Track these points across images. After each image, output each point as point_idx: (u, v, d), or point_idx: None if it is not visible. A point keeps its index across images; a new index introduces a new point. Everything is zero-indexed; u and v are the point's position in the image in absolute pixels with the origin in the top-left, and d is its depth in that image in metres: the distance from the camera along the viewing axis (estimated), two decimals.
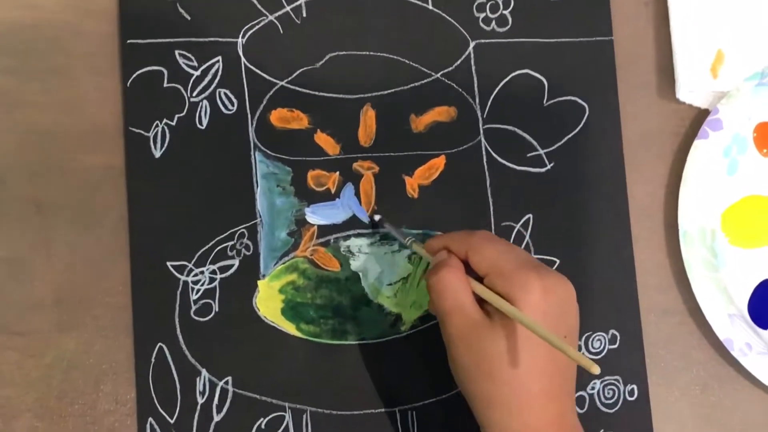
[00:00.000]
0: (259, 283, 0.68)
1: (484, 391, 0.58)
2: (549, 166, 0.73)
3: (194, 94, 0.68)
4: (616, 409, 0.72)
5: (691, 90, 0.76)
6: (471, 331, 0.58)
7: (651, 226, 0.75)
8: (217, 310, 0.67)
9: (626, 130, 0.75)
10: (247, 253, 0.68)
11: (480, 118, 0.72)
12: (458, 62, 0.73)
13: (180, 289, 0.66)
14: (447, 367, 0.69)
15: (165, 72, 0.68)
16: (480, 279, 0.60)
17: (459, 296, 0.59)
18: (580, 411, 0.72)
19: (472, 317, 0.58)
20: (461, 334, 0.59)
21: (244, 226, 0.68)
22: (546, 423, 0.58)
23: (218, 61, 0.69)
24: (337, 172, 0.70)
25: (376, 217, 0.69)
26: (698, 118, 0.76)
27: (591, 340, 0.72)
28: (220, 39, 0.69)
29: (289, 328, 0.68)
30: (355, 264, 0.69)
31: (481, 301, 0.59)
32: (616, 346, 0.73)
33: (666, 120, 0.76)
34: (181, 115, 0.68)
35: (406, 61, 0.72)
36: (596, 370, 0.52)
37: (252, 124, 0.69)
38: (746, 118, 0.76)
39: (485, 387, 0.58)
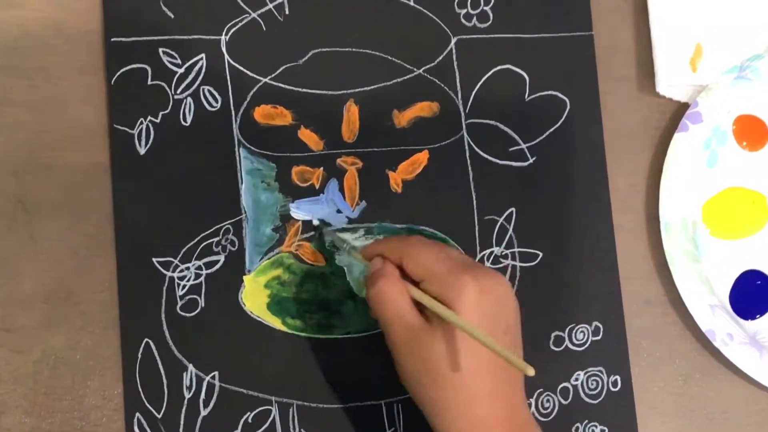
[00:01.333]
0: (245, 278, 0.68)
1: (431, 395, 0.59)
2: (531, 160, 0.74)
3: (178, 91, 0.68)
4: (600, 399, 0.73)
5: (670, 84, 0.77)
6: (412, 338, 0.59)
7: (633, 219, 0.76)
8: (203, 305, 0.67)
9: (607, 124, 0.76)
10: (233, 249, 0.68)
11: (462, 113, 0.73)
12: (440, 58, 0.73)
13: (166, 284, 0.67)
14: None
15: (149, 70, 0.68)
16: (417, 284, 0.60)
17: (397, 305, 0.59)
18: (564, 402, 0.72)
19: (412, 324, 0.59)
20: (402, 341, 0.59)
21: (230, 222, 0.68)
22: (496, 421, 0.58)
23: (202, 58, 0.69)
24: (321, 168, 0.70)
25: (315, 222, 0.70)
26: (678, 111, 0.77)
27: (574, 332, 0.73)
28: (204, 37, 0.69)
29: (275, 322, 0.68)
30: (340, 259, 0.69)
31: (420, 307, 0.60)
32: (599, 337, 0.73)
33: (646, 113, 0.77)
34: (166, 112, 0.68)
35: (389, 57, 0.72)
36: (530, 371, 0.54)
37: (236, 120, 0.69)
38: (726, 111, 0.76)
39: (431, 392, 0.58)
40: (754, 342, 0.75)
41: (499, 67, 0.74)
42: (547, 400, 0.72)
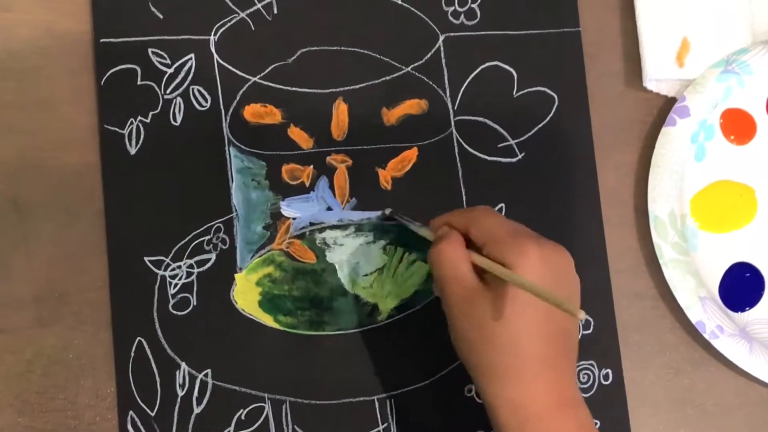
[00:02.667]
0: (236, 276, 0.68)
1: (482, 358, 0.59)
2: (520, 156, 0.74)
3: (168, 91, 0.69)
4: (592, 393, 0.73)
5: (657, 79, 0.77)
6: (467, 298, 0.59)
7: (622, 213, 0.76)
8: (195, 303, 0.68)
9: (595, 119, 0.76)
10: (224, 247, 0.68)
11: (451, 110, 0.73)
12: (428, 56, 0.73)
13: (158, 283, 0.67)
14: (425, 356, 0.70)
15: (138, 70, 0.68)
16: (481, 252, 0.61)
17: (457, 266, 0.60)
18: None
19: (469, 285, 0.59)
20: (458, 301, 0.60)
21: (220, 220, 0.69)
22: (546, 386, 0.58)
23: (191, 58, 0.69)
24: (311, 166, 0.70)
25: (387, 211, 0.70)
26: (666, 105, 0.78)
27: None
28: (193, 37, 0.70)
29: (267, 320, 0.69)
30: (330, 256, 0.70)
31: (480, 273, 0.60)
32: (590, 331, 0.73)
33: (634, 108, 0.78)
34: (156, 112, 0.68)
35: (377, 55, 0.72)
36: (582, 315, 0.54)
37: (226, 119, 0.69)
38: (713, 105, 0.77)
39: (483, 354, 0.59)
40: (744, 334, 0.75)
41: (487, 64, 0.74)
42: None
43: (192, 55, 0.69)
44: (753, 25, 0.79)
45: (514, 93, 0.75)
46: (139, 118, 0.68)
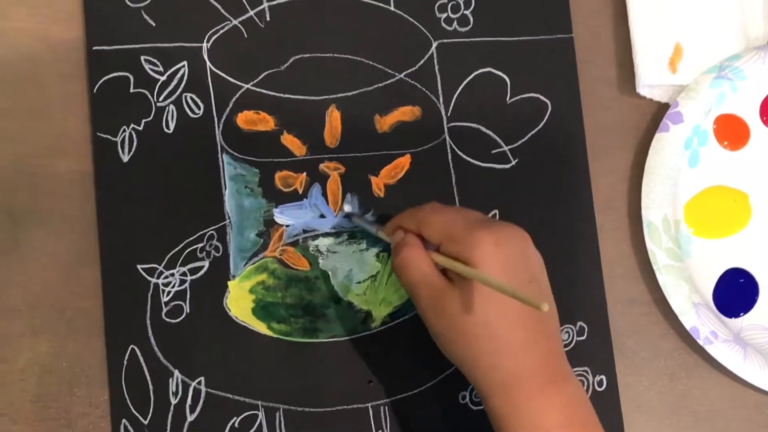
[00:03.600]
0: (230, 283, 0.69)
1: (463, 350, 0.60)
2: (513, 162, 0.74)
3: (161, 98, 0.69)
4: None
5: (650, 84, 0.77)
6: (436, 298, 0.60)
7: (616, 218, 0.77)
8: (188, 311, 0.68)
9: (588, 125, 0.76)
10: (217, 255, 0.69)
11: (444, 117, 0.74)
12: (421, 62, 0.74)
13: (151, 291, 0.67)
14: (419, 363, 0.71)
15: (131, 78, 0.69)
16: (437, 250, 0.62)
17: (421, 269, 0.61)
18: None
19: (436, 285, 0.60)
20: (430, 303, 0.61)
21: (213, 227, 0.69)
22: (529, 371, 0.59)
23: (184, 66, 0.70)
24: (304, 173, 0.71)
25: (347, 208, 0.71)
26: (659, 111, 0.78)
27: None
28: (185, 44, 0.70)
29: (260, 327, 0.69)
30: (324, 263, 0.70)
31: (444, 271, 0.62)
32: (584, 337, 0.74)
33: (627, 114, 0.78)
34: (148, 119, 0.69)
35: (370, 62, 0.73)
36: (545, 307, 0.53)
37: (219, 126, 0.70)
38: (706, 111, 0.77)
39: (463, 346, 0.60)
40: (738, 340, 0.75)
41: (480, 71, 0.75)
42: None
43: (185, 62, 0.70)
44: (745, 31, 0.79)
45: (508, 99, 0.75)
46: (132, 125, 0.68)
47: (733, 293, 0.77)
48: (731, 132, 0.79)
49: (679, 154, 0.76)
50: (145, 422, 0.66)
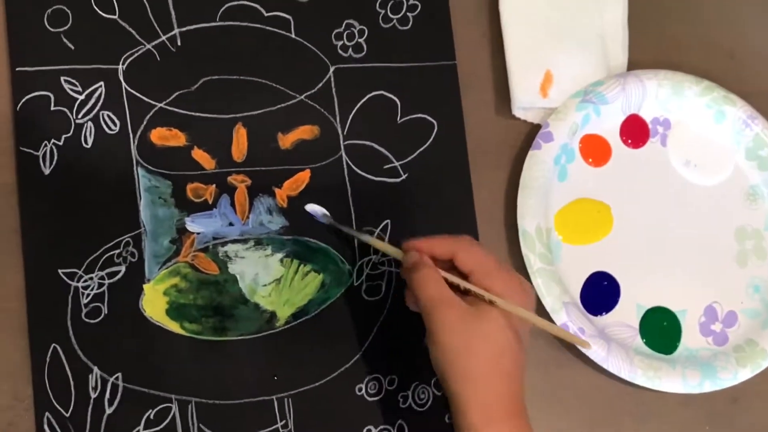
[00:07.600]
0: (145, 286, 0.72)
1: (464, 367, 0.65)
2: (404, 177, 0.79)
3: (79, 116, 0.72)
4: None
5: (524, 107, 0.82)
6: (460, 318, 0.66)
7: (494, 227, 0.81)
8: (106, 312, 0.70)
9: (470, 143, 0.81)
10: (133, 260, 0.72)
11: (341, 135, 0.78)
12: (320, 85, 0.78)
13: (71, 294, 0.70)
14: (319, 358, 0.74)
15: (52, 96, 0.71)
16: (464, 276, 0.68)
17: (441, 289, 0.67)
18: (438, 393, 0.77)
19: (460, 306, 0.66)
20: (451, 320, 0.66)
21: (130, 235, 0.72)
22: (508, 396, 0.66)
23: (101, 86, 0.73)
24: (214, 185, 0.74)
25: (323, 214, 0.75)
26: (532, 131, 0.83)
27: None
28: (102, 66, 0.73)
29: (174, 326, 0.72)
30: (232, 267, 0.74)
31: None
32: None
33: (504, 133, 0.83)
34: (68, 135, 0.71)
35: (273, 84, 0.77)
36: (588, 346, 0.71)
37: (134, 142, 0.73)
38: (573, 131, 0.82)
39: (466, 364, 0.65)
40: (603, 335, 0.80)
41: (373, 93, 0.79)
42: (423, 392, 0.77)
43: (102, 83, 0.73)
44: (607, 60, 0.85)
45: (398, 119, 0.79)
46: (53, 140, 0.71)
47: (598, 294, 0.82)
48: (595, 150, 0.84)
49: (549, 170, 0.81)
50: (67, 415, 0.68)
